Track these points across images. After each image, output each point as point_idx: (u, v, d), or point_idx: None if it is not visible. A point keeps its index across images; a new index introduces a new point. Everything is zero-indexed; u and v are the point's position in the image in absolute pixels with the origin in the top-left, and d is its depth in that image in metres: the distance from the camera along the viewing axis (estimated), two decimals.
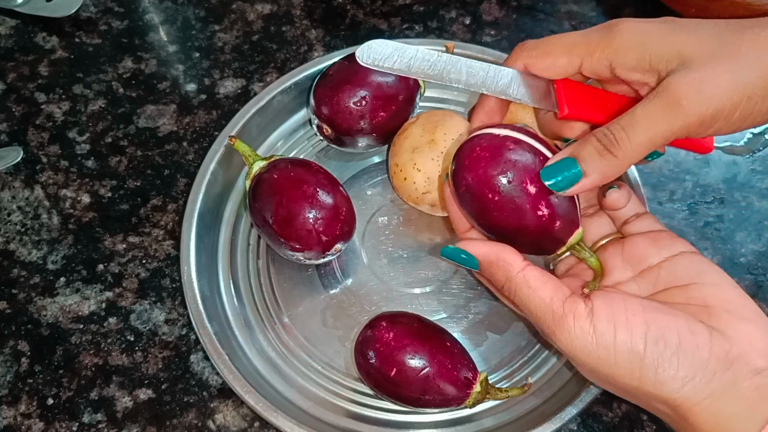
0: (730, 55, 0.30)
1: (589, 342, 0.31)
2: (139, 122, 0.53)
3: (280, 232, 0.41)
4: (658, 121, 0.30)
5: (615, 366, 0.30)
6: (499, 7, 0.59)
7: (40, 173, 0.51)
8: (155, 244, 0.47)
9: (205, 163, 0.46)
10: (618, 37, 0.33)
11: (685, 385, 0.29)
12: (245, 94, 0.54)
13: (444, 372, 0.37)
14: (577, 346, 0.31)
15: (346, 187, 0.44)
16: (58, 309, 0.45)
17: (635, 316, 0.31)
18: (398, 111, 0.46)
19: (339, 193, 0.43)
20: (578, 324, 0.31)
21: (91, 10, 0.59)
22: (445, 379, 0.37)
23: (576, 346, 0.31)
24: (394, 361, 0.37)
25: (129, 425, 0.41)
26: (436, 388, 0.37)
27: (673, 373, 0.29)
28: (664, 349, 0.30)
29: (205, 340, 0.41)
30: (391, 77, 0.45)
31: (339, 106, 0.44)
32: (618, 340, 0.30)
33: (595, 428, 0.41)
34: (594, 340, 0.31)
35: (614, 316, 0.31)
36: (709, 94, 0.30)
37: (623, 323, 0.30)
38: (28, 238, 0.48)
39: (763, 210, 0.49)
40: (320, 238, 0.41)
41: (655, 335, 0.30)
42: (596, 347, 0.31)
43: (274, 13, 0.59)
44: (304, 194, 0.41)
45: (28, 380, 0.43)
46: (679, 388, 0.29)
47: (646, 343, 0.30)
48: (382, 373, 0.38)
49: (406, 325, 0.39)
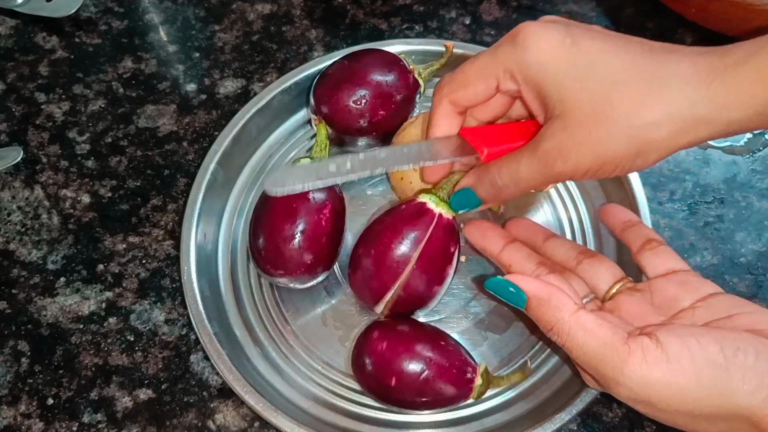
0: (603, 119, 0.32)
1: (666, 370, 0.29)
2: (139, 122, 0.53)
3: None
4: (532, 172, 0.34)
5: (698, 387, 0.29)
6: (499, 7, 0.59)
7: (40, 173, 0.51)
8: (155, 244, 0.47)
9: (205, 163, 0.46)
10: (522, 55, 0.34)
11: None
12: (245, 94, 0.54)
13: (443, 372, 0.37)
14: (652, 379, 0.29)
15: (346, 188, 0.44)
16: (58, 309, 0.45)
17: (703, 337, 0.30)
18: (398, 110, 0.46)
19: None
20: (649, 355, 0.29)
21: (91, 10, 0.59)
22: (445, 379, 0.37)
23: (651, 379, 0.29)
24: (391, 370, 0.37)
25: (129, 425, 0.41)
26: (438, 390, 0.37)
27: (759, 381, 0.29)
28: (744, 359, 0.29)
29: (205, 340, 0.41)
30: (390, 76, 0.45)
31: (338, 105, 0.44)
32: (697, 359, 0.29)
33: (595, 428, 0.41)
34: (670, 367, 0.29)
35: (684, 341, 0.30)
36: (573, 159, 0.32)
37: (695, 345, 0.30)
38: (28, 238, 0.48)
39: (763, 210, 0.49)
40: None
41: (731, 349, 0.29)
42: (674, 374, 0.29)
43: (274, 13, 0.59)
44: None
45: (28, 380, 0.43)
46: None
47: (725, 356, 0.29)
48: (383, 384, 0.38)
49: (399, 332, 0.39)
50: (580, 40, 0.33)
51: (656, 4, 0.58)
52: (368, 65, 0.45)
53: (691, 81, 0.31)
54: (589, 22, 0.58)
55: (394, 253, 0.38)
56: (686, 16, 0.56)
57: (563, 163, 0.33)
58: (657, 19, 0.58)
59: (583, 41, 0.33)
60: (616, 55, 0.33)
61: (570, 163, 0.33)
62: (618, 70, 0.32)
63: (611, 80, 0.32)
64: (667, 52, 0.32)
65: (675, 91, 0.31)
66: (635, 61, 0.32)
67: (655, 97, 0.31)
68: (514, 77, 0.34)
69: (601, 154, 0.32)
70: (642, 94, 0.31)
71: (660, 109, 0.31)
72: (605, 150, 0.32)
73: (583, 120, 0.32)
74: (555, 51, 0.33)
